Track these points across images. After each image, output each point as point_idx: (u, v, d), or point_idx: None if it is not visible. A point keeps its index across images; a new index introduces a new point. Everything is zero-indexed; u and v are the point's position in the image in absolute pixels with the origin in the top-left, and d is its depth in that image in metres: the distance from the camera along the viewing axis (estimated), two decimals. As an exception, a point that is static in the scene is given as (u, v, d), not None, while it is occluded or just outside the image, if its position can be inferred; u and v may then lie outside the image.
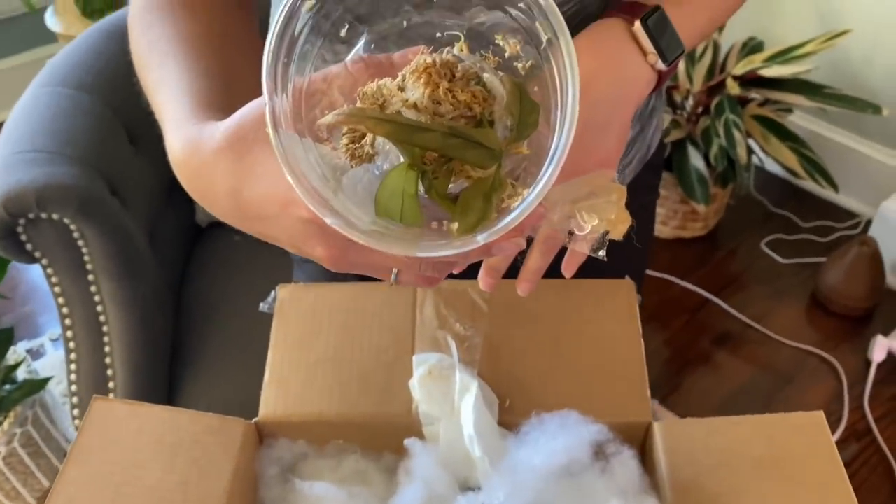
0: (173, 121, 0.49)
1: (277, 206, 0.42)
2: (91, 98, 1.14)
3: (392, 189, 0.39)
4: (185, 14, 0.57)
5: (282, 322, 0.66)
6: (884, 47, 1.82)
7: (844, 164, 1.94)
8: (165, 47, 0.54)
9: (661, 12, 0.57)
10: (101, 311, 1.09)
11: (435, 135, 0.39)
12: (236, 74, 0.56)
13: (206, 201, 0.47)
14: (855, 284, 1.77)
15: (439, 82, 0.40)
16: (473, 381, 0.61)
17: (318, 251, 0.43)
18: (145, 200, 1.20)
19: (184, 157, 0.46)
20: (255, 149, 0.42)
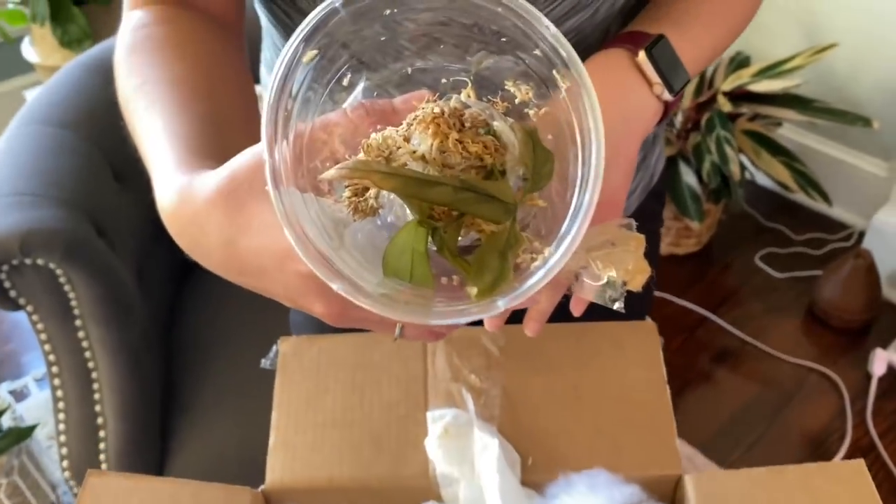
0: (162, 170, 0.46)
1: (275, 260, 0.40)
2: (74, 136, 1.11)
3: (401, 248, 0.37)
4: (172, 55, 0.54)
5: (285, 380, 0.63)
6: (869, 60, 1.82)
7: (834, 177, 1.93)
8: (153, 91, 0.52)
9: (665, 41, 0.55)
10: (90, 358, 1.05)
11: (446, 189, 0.37)
12: (228, 117, 0.53)
13: (198, 254, 0.44)
14: (852, 297, 1.75)
15: (448, 132, 0.38)
16: (493, 439, 0.58)
17: (317, 307, 0.41)
18: (133, 239, 1.17)
19: (174, 207, 0.43)
20: (251, 200, 0.40)
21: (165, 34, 0.56)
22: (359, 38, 0.41)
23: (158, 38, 0.55)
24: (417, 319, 0.36)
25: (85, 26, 1.77)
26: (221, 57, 0.57)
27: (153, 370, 1.14)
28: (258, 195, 0.39)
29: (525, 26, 0.38)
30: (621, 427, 0.60)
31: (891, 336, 1.75)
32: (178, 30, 0.56)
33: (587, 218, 0.36)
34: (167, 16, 0.57)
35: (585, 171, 0.37)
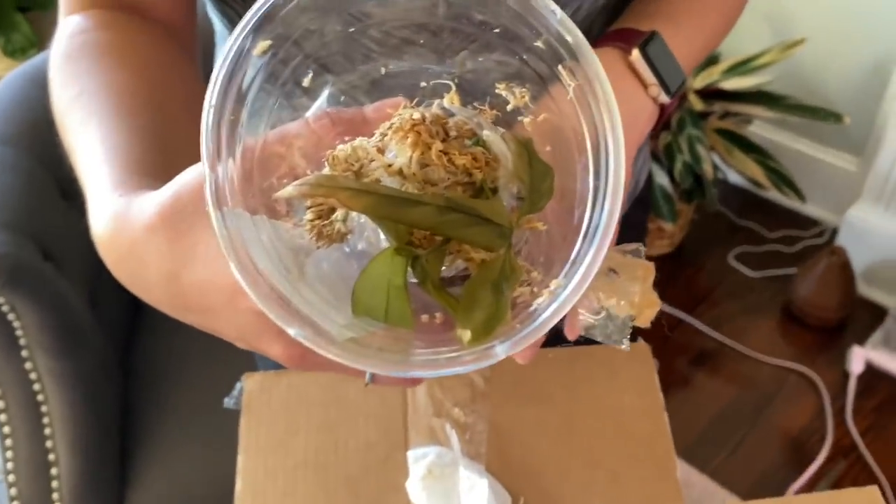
0: (97, 191, 0.40)
1: (223, 296, 0.34)
2: (15, 152, 1.03)
3: (375, 281, 0.31)
4: (112, 62, 0.48)
5: (252, 420, 0.57)
6: (837, 55, 1.81)
7: (806, 173, 1.92)
8: (90, 102, 0.46)
9: (660, 38, 0.50)
10: (39, 390, 0.97)
11: (428, 209, 0.30)
12: (173, 131, 0.47)
13: (138, 288, 0.39)
14: (827, 295, 1.74)
15: (431, 143, 0.32)
16: (482, 479, 0.53)
17: (274, 350, 0.35)
18: (83, 260, 1.09)
19: (108, 235, 0.38)
20: (197, 225, 0.34)
21: (106, 40, 0.50)
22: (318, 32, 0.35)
23: (98, 44, 0.50)
24: (394, 370, 0.30)
25: (29, 34, 1.68)
26: (168, 65, 0.52)
27: (109, 399, 1.07)
28: (205, 219, 0.33)
29: (524, 11, 0.32)
30: (618, 460, 0.55)
31: (867, 333, 1.74)
32: (119, 36, 0.51)
33: (606, 238, 0.31)
34: (107, 21, 0.52)
35: (601, 183, 0.32)
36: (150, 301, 0.39)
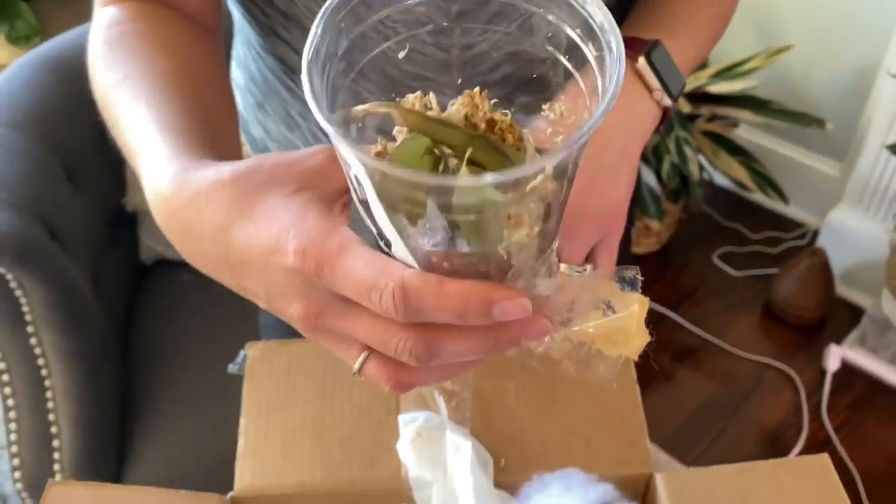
0: (156, 156, 0.43)
1: (263, 249, 0.37)
2: (24, 137, 1.07)
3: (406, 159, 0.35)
4: (155, 51, 0.52)
5: (254, 385, 0.61)
6: (822, 62, 1.86)
7: (790, 176, 1.97)
8: (135, 86, 0.49)
9: (662, 46, 0.54)
10: (43, 365, 1.01)
11: (461, 133, 0.35)
12: (215, 117, 0.51)
13: (188, 239, 0.41)
14: (807, 295, 1.79)
15: (480, 104, 0.37)
16: (466, 441, 0.57)
17: (294, 307, 0.38)
18: (87, 241, 1.13)
19: (174, 187, 0.40)
20: (263, 189, 0.37)
21: (144, 31, 0.53)
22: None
23: (137, 34, 0.53)
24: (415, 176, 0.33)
25: (34, 22, 1.71)
26: (202, 55, 0.55)
27: (111, 376, 1.11)
28: (274, 186, 0.37)
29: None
30: (593, 428, 0.59)
31: (844, 332, 1.79)
32: (157, 27, 0.54)
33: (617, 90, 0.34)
34: (143, 12, 0.55)
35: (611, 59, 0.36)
36: (193, 254, 0.41)
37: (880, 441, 1.62)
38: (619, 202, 0.53)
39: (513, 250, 0.36)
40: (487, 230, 0.35)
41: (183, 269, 1.31)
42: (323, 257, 0.35)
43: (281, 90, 0.65)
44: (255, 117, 0.71)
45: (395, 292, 0.33)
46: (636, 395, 0.61)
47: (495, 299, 0.34)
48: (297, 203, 0.37)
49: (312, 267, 0.35)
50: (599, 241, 0.54)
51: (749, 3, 1.93)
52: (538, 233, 0.37)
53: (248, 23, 0.64)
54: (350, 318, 0.36)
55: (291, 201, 0.37)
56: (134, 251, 1.32)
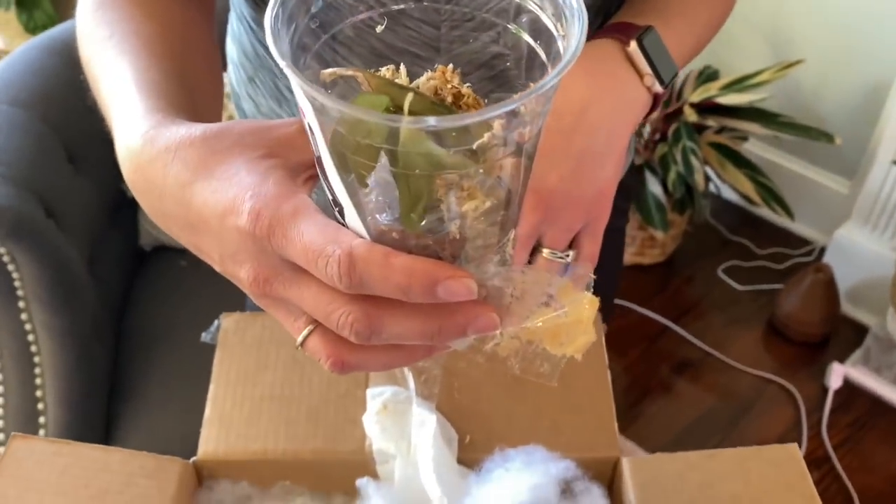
0: (131, 112, 0.43)
1: (219, 210, 0.37)
2: (27, 114, 1.08)
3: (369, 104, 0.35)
4: (142, 13, 0.52)
5: (225, 354, 0.61)
6: (834, 77, 1.85)
7: (798, 192, 1.95)
8: (120, 44, 0.49)
9: (655, 32, 0.54)
10: (33, 342, 1.02)
11: (424, 100, 0.35)
12: (198, 82, 0.51)
13: (150, 195, 0.41)
14: (811, 311, 1.77)
15: (450, 79, 0.37)
16: (431, 416, 0.57)
17: (244, 270, 0.37)
18: (85, 223, 1.14)
19: (142, 144, 0.40)
20: (231, 151, 0.37)
21: None
22: None
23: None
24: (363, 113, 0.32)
25: (51, 12, 1.74)
26: (190, 24, 0.55)
27: (101, 357, 1.12)
28: (242, 149, 0.37)
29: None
30: (561, 409, 0.59)
31: (848, 350, 1.77)
32: None
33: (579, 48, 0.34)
34: None
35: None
36: (154, 210, 0.41)
37: (880, 461, 1.60)
38: (605, 187, 0.53)
39: (465, 230, 0.35)
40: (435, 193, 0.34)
41: (180, 255, 1.32)
42: (275, 220, 0.34)
43: (271, 63, 0.66)
44: (247, 92, 0.71)
45: (340, 259, 0.33)
46: (606, 378, 0.61)
47: (441, 277, 0.33)
48: (261, 167, 0.37)
49: (265, 229, 0.35)
50: (584, 227, 0.54)
51: (761, 17, 1.93)
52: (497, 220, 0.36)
53: None
54: (297, 286, 0.36)
55: (256, 165, 0.37)
56: (133, 236, 1.33)
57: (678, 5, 0.59)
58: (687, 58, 0.59)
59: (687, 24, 0.58)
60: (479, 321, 0.35)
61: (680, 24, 0.57)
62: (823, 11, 1.80)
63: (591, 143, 0.50)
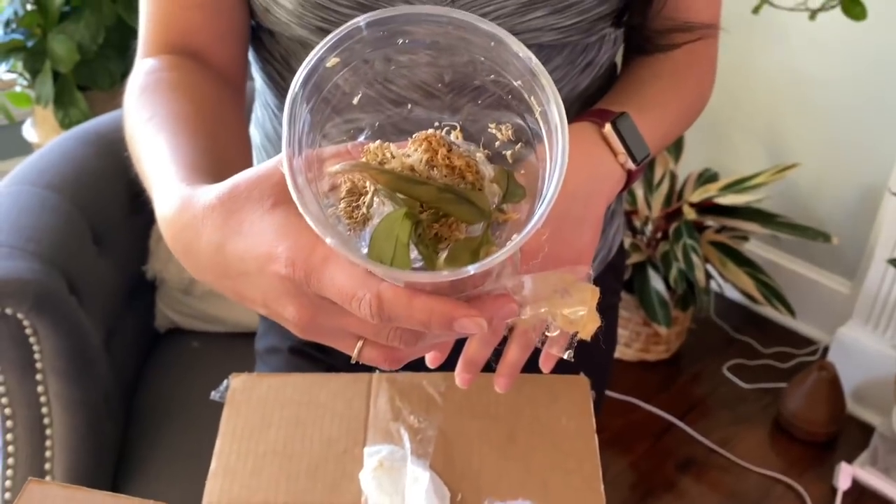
0: (165, 182, 0.50)
1: (257, 262, 0.43)
2: (58, 197, 1.15)
3: (386, 233, 0.41)
4: (181, 95, 0.60)
5: (232, 412, 0.65)
6: (829, 179, 1.91)
7: (800, 291, 1.99)
8: (160, 123, 0.57)
9: (628, 117, 0.60)
10: (46, 413, 1.05)
11: (430, 188, 0.41)
12: (228, 157, 0.58)
13: (189, 256, 0.47)
14: (816, 410, 1.77)
15: (438, 149, 0.43)
16: (425, 473, 0.59)
17: (289, 310, 0.43)
18: (105, 301, 1.19)
19: (174, 212, 0.47)
20: (246, 208, 0.44)
21: (176, 79, 0.61)
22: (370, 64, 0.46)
23: (169, 81, 0.61)
24: (393, 275, 0.38)
25: (86, 110, 1.85)
26: (224, 105, 0.63)
27: (110, 432, 1.14)
28: (254, 204, 0.43)
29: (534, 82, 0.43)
30: (550, 470, 0.61)
31: (856, 450, 1.76)
32: (185, 76, 0.62)
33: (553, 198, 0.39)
34: (176, 64, 0.63)
35: (552, 164, 0.41)
36: (195, 268, 0.48)
37: (892, 566, 1.56)
38: (583, 249, 0.58)
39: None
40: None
41: (192, 337, 1.36)
42: (309, 267, 0.41)
43: None
44: None
45: (371, 302, 0.39)
46: (594, 442, 0.63)
47: (455, 316, 0.40)
48: (278, 217, 0.43)
49: (302, 275, 0.41)
50: None
51: (758, 122, 2.02)
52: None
53: (267, 86, 0.72)
54: (341, 316, 0.42)
55: (272, 217, 0.43)
56: (149, 318, 1.37)
57: (652, 98, 0.66)
58: (660, 144, 0.65)
59: (659, 114, 0.64)
60: (501, 311, 0.42)
61: (653, 114, 0.63)
62: (817, 116, 1.89)
63: (569, 207, 0.56)
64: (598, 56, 0.67)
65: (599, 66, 0.68)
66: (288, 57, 0.66)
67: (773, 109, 1.95)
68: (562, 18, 0.60)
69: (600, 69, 0.68)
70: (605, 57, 0.68)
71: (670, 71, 0.67)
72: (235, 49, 0.66)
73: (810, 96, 1.88)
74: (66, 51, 1.78)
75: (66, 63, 1.79)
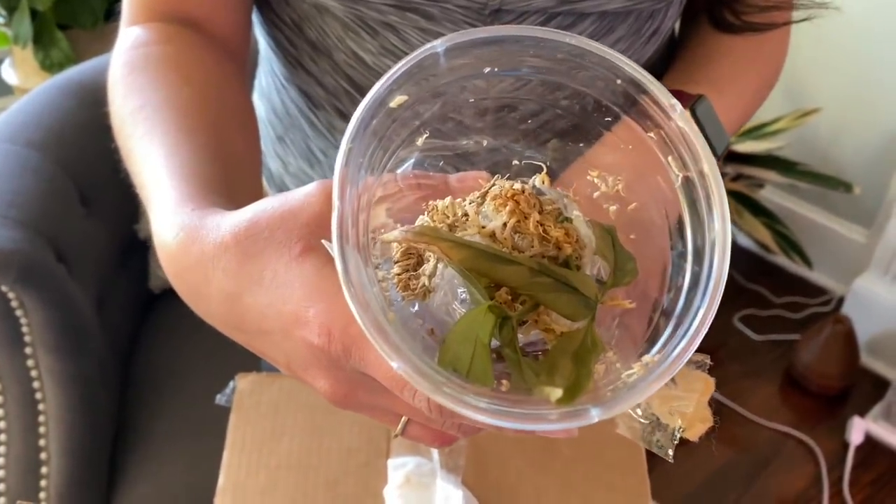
0: (164, 203, 0.41)
1: (282, 323, 0.34)
2: (40, 156, 1.07)
3: (466, 335, 0.31)
4: (175, 78, 0.50)
5: (241, 419, 0.59)
6: (851, 126, 1.83)
7: (815, 241, 1.93)
8: (153, 116, 0.47)
9: (707, 101, 0.51)
10: (38, 388, 0.99)
11: (521, 269, 0.31)
12: (233, 151, 0.49)
13: (195, 299, 0.39)
14: (830, 363, 1.73)
15: (528, 213, 0.33)
16: (457, 491, 0.54)
17: (320, 383, 0.36)
18: (95, 266, 1.12)
19: (177, 245, 0.38)
20: (268, 252, 0.35)
21: (167, 55, 0.52)
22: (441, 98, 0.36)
23: (160, 58, 0.51)
24: (490, 419, 0.29)
25: (67, 50, 1.74)
26: (226, 85, 0.53)
27: (106, 404, 1.08)
28: (278, 248, 0.35)
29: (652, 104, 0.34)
30: (593, 486, 0.56)
31: (868, 404, 1.73)
32: (180, 51, 0.52)
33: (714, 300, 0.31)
34: (169, 35, 0.53)
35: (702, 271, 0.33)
36: (203, 314, 0.40)
37: (904, 522, 1.55)
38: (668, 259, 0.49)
39: None
40: None
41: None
42: (349, 340, 0.33)
43: (303, 124, 0.64)
44: (274, 150, 0.69)
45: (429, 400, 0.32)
46: (642, 454, 0.57)
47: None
48: (308, 270, 0.34)
49: (339, 349, 0.33)
50: None
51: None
52: None
53: (275, 52, 0.62)
54: (384, 396, 0.35)
55: (300, 268, 0.34)
56: (143, 278, 1.30)
57: (730, 73, 0.57)
58: (738, 125, 0.57)
59: (737, 91, 0.56)
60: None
61: (731, 92, 0.55)
62: (839, 60, 1.79)
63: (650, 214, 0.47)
64: (664, 23, 0.58)
65: (664, 34, 0.59)
66: (300, 22, 0.57)
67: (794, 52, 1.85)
68: None
69: (664, 37, 0.59)
70: (671, 23, 0.59)
71: (743, 45, 0.58)
72: (239, 16, 0.56)
73: (834, 39, 1.78)
74: (43, -14, 1.66)
75: (44, 0, 1.67)
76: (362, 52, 0.55)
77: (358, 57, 0.56)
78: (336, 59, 0.57)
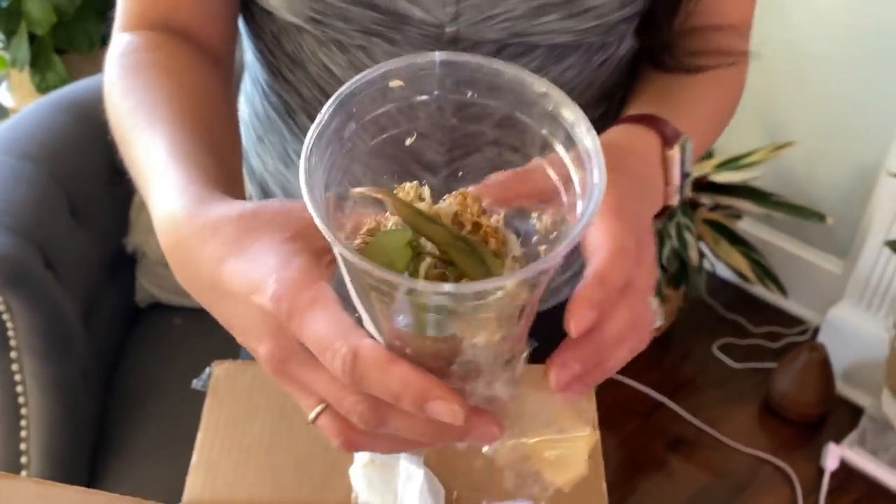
0: (169, 183, 0.45)
1: (247, 287, 0.38)
2: (33, 167, 1.10)
3: (383, 250, 0.37)
4: (168, 81, 0.54)
5: (215, 402, 0.61)
6: (825, 158, 1.89)
7: (792, 271, 1.97)
8: (150, 114, 0.51)
9: (690, 143, 0.53)
10: (21, 392, 1.01)
11: (445, 232, 0.38)
12: (223, 144, 0.53)
13: (184, 265, 0.43)
14: (806, 390, 1.76)
15: (471, 205, 0.40)
16: (419, 470, 0.56)
17: (263, 347, 0.39)
18: (83, 275, 1.15)
19: (186, 216, 0.43)
20: (263, 230, 0.40)
21: (158, 60, 0.56)
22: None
23: (152, 63, 0.55)
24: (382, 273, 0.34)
25: (63, 74, 1.79)
26: (213, 88, 0.57)
27: (88, 411, 1.10)
28: (272, 230, 0.39)
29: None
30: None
31: (844, 431, 1.75)
32: (170, 57, 0.56)
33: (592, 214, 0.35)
34: (159, 42, 0.57)
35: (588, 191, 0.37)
36: (186, 279, 0.43)
37: (879, 547, 1.56)
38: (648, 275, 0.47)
39: (476, 351, 0.37)
40: (449, 327, 0.37)
41: (174, 313, 1.32)
42: (294, 307, 0.36)
43: (281, 128, 0.68)
44: (255, 150, 0.73)
45: (346, 357, 0.35)
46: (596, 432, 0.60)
47: (432, 396, 0.35)
48: (287, 249, 0.39)
49: (284, 314, 0.37)
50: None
51: (754, 99, 1.98)
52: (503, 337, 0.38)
53: (258, 61, 0.67)
54: (311, 369, 0.38)
55: (282, 247, 0.39)
56: (129, 292, 1.33)
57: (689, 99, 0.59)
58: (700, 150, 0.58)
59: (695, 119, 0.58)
60: (478, 431, 0.38)
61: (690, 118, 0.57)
62: (813, 94, 1.85)
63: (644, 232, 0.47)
64: (616, 52, 0.62)
65: (618, 60, 0.63)
66: (279, 35, 0.61)
67: (769, 86, 1.91)
68: (578, 22, 0.55)
69: (619, 62, 0.63)
70: (625, 51, 0.63)
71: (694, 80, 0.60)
72: (225, 26, 0.61)
73: (807, 73, 1.85)
74: (42, 12, 1.71)
75: (43, 25, 1.72)
76: (333, 65, 0.59)
77: (329, 70, 0.60)
78: (310, 70, 0.61)
